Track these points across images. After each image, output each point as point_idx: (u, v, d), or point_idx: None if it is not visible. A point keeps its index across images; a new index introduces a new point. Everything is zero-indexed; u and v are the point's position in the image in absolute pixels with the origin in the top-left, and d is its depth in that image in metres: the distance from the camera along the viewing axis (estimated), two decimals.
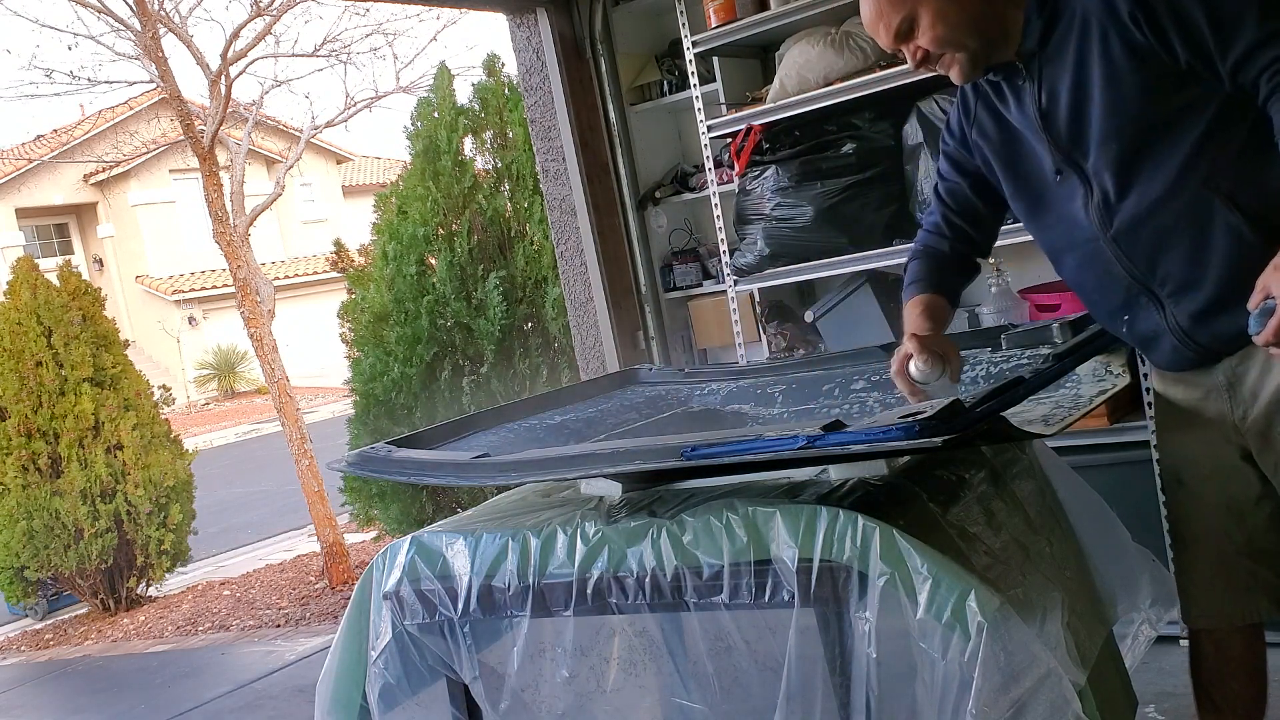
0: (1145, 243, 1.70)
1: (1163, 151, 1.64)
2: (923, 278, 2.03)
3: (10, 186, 22.09)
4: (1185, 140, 1.63)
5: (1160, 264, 1.70)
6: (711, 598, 1.63)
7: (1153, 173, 1.66)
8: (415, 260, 5.79)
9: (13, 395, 6.71)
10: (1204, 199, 1.63)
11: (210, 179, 6.72)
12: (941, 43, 1.74)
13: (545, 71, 4.12)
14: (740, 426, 2.29)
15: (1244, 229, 1.61)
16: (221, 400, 22.56)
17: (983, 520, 1.74)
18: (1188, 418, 1.85)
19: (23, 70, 24.30)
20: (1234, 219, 1.62)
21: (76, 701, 5.61)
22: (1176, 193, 1.65)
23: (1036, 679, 1.46)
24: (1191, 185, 1.63)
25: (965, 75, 1.78)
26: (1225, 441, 1.81)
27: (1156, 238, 1.69)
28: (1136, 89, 1.63)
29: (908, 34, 1.75)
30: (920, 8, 1.72)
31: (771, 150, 3.63)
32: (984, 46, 1.75)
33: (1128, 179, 1.68)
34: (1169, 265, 1.70)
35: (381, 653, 1.93)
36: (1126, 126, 1.66)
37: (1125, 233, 1.71)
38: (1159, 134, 1.64)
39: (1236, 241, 1.62)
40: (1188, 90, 1.61)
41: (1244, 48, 1.53)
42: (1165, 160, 1.64)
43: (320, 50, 8.39)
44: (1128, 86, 1.63)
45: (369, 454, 2.04)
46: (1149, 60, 1.60)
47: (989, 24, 1.73)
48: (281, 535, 8.85)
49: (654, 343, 4.21)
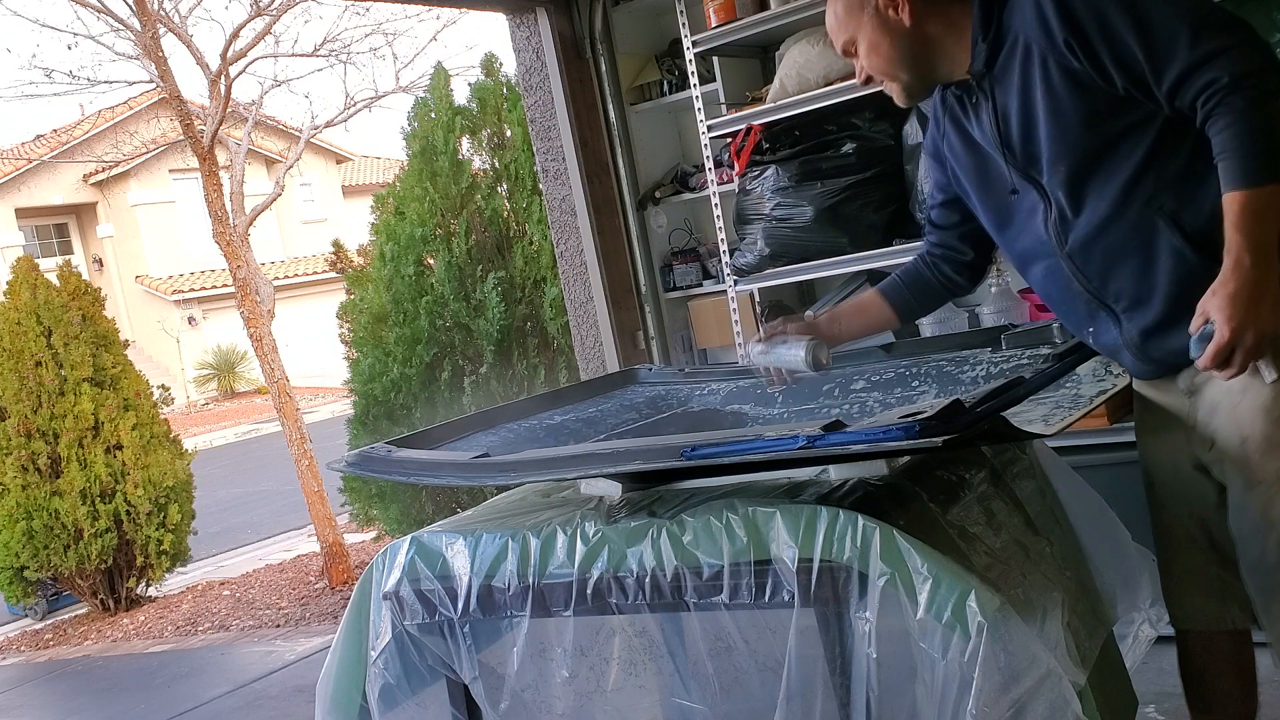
0: (1097, 260, 1.72)
1: (1108, 173, 1.66)
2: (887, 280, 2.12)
3: (10, 186, 22.09)
4: (1129, 162, 1.64)
5: (1112, 281, 1.72)
6: (711, 598, 1.63)
7: (1100, 193, 1.67)
8: (414, 261, 5.79)
9: (12, 395, 6.71)
10: (1148, 219, 1.65)
11: (210, 179, 6.72)
12: (876, 70, 1.82)
13: (545, 71, 4.12)
14: (740, 426, 2.29)
15: (1186, 250, 1.63)
16: (221, 400, 22.56)
17: (983, 520, 1.74)
18: (1158, 420, 1.86)
19: (23, 70, 24.32)
20: (1176, 241, 1.63)
21: (76, 701, 5.60)
22: (1122, 213, 1.66)
23: (1037, 679, 1.46)
24: (1135, 206, 1.65)
25: (903, 100, 1.86)
26: (1187, 446, 1.81)
27: (1106, 256, 1.71)
28: (1077, 115, 1.65)
29: (852, 54, 1.85)
30: (859, 35, 1.81)
31: (771, 150, 3.63)
32: (918, 78, 1.81)
33: (1078, 198, 1.70)
34: (1120, 282, 1.72)
35: (381, 653, 1.93)
36: (1072, 150, 1.67)
37: (1079, 250, 1.73)
38: (1103, 156, 1.66)
39: (1180, 262, 1.64)
40: (1128, 114, 1.63)
41: (1178, 73, 1.53)
42: (1111, 181, 1.66)
43: (320, 50, 8.39)
44: (1068, 113, 1.65)
45: (369, 454, 2.03)
46: (1088, 86, 1.62)
47: (922, 58, 1.78)
48: (281, 535, 8.85)
49: (654, 343, 4.21)
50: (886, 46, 1.77)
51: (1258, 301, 1.49)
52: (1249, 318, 1.49)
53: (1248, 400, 1.66)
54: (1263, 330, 1.50)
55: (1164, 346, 1.71)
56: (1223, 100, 1.51)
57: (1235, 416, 1.68)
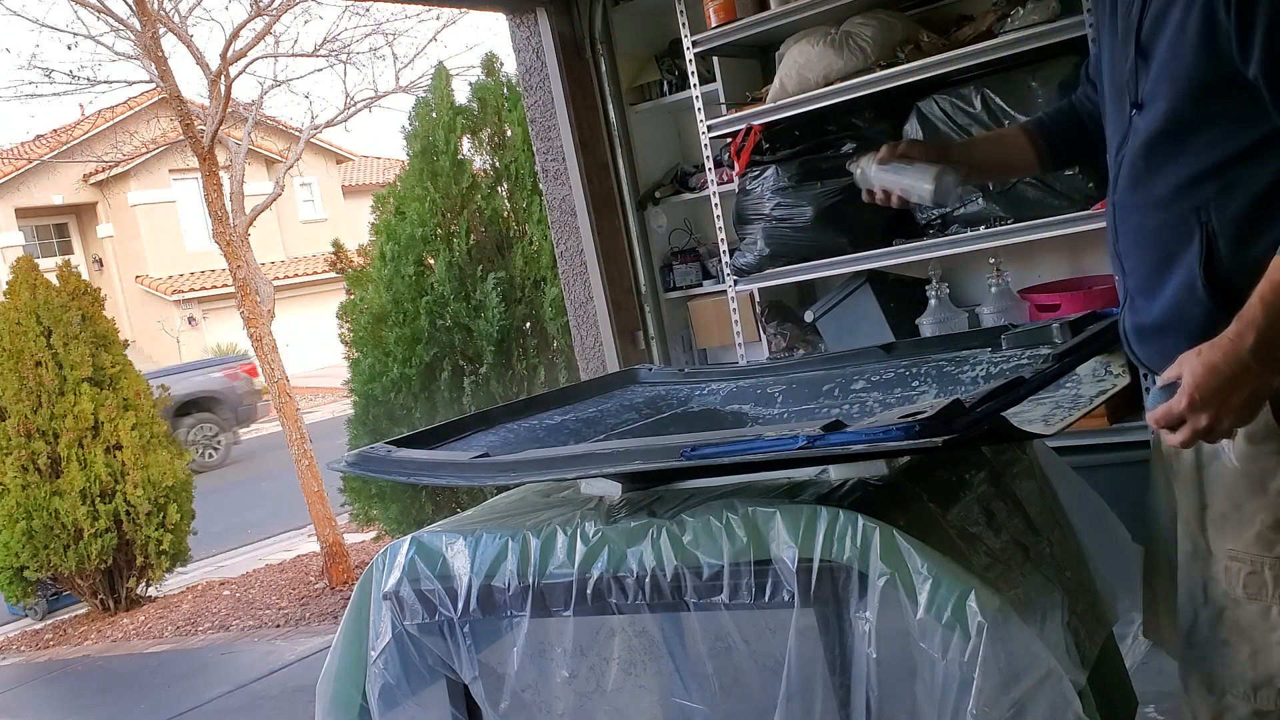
0: (1129, 230, 1.57)
1: (1181, 150, 1.46)
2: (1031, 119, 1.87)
3: (10, 186, 22.09)
4: (1205, 153, 1.44)
5: (1130, 257, 1.57)
6: (711, 598, 1.63)
7: (1164, 168, 1.48)
8: (414, 261, 5.79)
9: (12, 395, 6.71)
10: (1188, 226, 1.46)
11: (210, 179, 6.72)
12: None
13: (545, 71, 4.12)
14: (740, 426, 2.29)
15: (1199, 284, 1.44)
16: None
17: (983, 520, 1.74)
18: None
19: (22, 70, 24.26)
20: (1197, 268, 1.44)
21: (76, 701, 5.60)
22: (1170, 203, 1.48)
23: (1037, 679, 1.46)
24: (1185, 204, 1.46)
25: None
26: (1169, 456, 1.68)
27: (1137, 233, 1.55)
28: (1187, 67, 1.42)
29: None
30: None
31: (771, 150, 3.64)
32: None
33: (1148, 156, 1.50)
34: (1136, 263, 1.56)
35: (381, 653, 1.93)
36: (1166, 98, 1.46)
37: (1124, 207, 1.57)
38: (1187, 130, 1.46)
39: (1189, 291, 1.46)
40: (1235, 102, 1.40)
41: None
42: (1179, 161, 1.47)
43: (320, 50, 8.40)
44: (1182, 61, 1.42)
45: (369, 454, 2.03)
46: (1217, 48, 1.39)
47: None
48: (281, 535, 8.85)
49: (654, 343, 4.21)
50: None
51: (1234, 388, 1.32)
52: (1214, 399, 1.32)
53: (1213, 469, 1.52)
54: (1222, 419, 1.34)
55: (1147, 351, 1.57)
56: None
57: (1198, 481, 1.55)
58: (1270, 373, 1.32)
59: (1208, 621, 1.56)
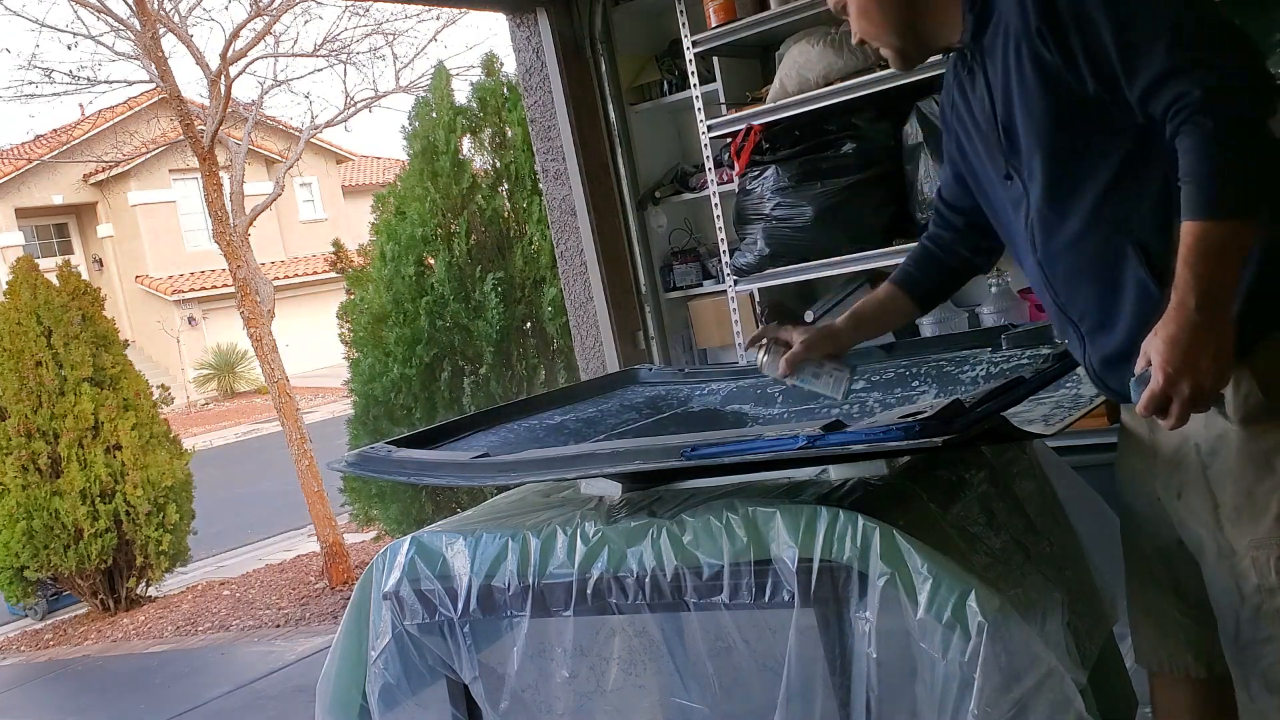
0: (1064, 274, 1.61)
1: (1079, 184, 1.54)
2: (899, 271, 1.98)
3: (10, 186, 22.09)
4: (1100, 176, 1.52)
5: (1077, 299, 1.61)
6: (711, 598, 1.63)
7: (1072, 205, 1.55)
8: (414, 261, 5.79)
9: (12, 395, 6.71)
10: (1117, 244, 1.52)
11: (210, 179, 6.73)
12: (867, 35, 1.71)
13: (545, 71, 4.11)
14: (740, 426, 2.29)
15: (1150, 284, 1.49)
16: (221, 400, 22.55)
17: (983, 520, 1.74)
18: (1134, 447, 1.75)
19: (22, 70, 24.25)
20: (1142, 272, 1.50)
21: (76, 701, 5.61)
22: (1091, 232, 1.54)
23: (1038, 679, 1.46)
24: (1105, 227, 1.53)
25: (899, 65, 1.74)
26: (1151, 476, 1.69)
27: (1073, 273, 1.59)
28: (1045, 112, 1.52)
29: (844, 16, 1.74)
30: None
31: (771, 150, 3.63)
32: (911, 44, 1.69)
33: (1050, 205, 1.57)
34: (1084, 303, 1.60)
35: (381, 653, 1.93)
36: (1042, 149, 1.55)
37: (1049, 259, 1.62)
38: (1074, 164, 1.54)
39: (1144, 295, 1.50)
40: (1098, 120, 1.49)
41: (1149, 78, 1.40)
42: (1082, 194, 1.53)
43: (320, 50, 8.40)
44: (1037, 108, 1.53)
45: (369, 454, 2.03)
46: (1057, 81, 1.49)
47: (912, 23, 1.66)
48: (281, 535, 8.85)
49: (654, 343, 4.21)
50: (875, 10, 1.67)
51: (1199, 349, 1.36)
52: (1185, 366, 1.36)
53: (1217, 465, 1.54)
54: (1200, 382, 1.37)
55: (1120, 379, 1.55)
56: (1190, 118, 1.37)
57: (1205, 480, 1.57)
58: (1222, 324, 1.37)
59: (1249, 620, 1.56)
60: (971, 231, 1.90)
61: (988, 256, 1.94)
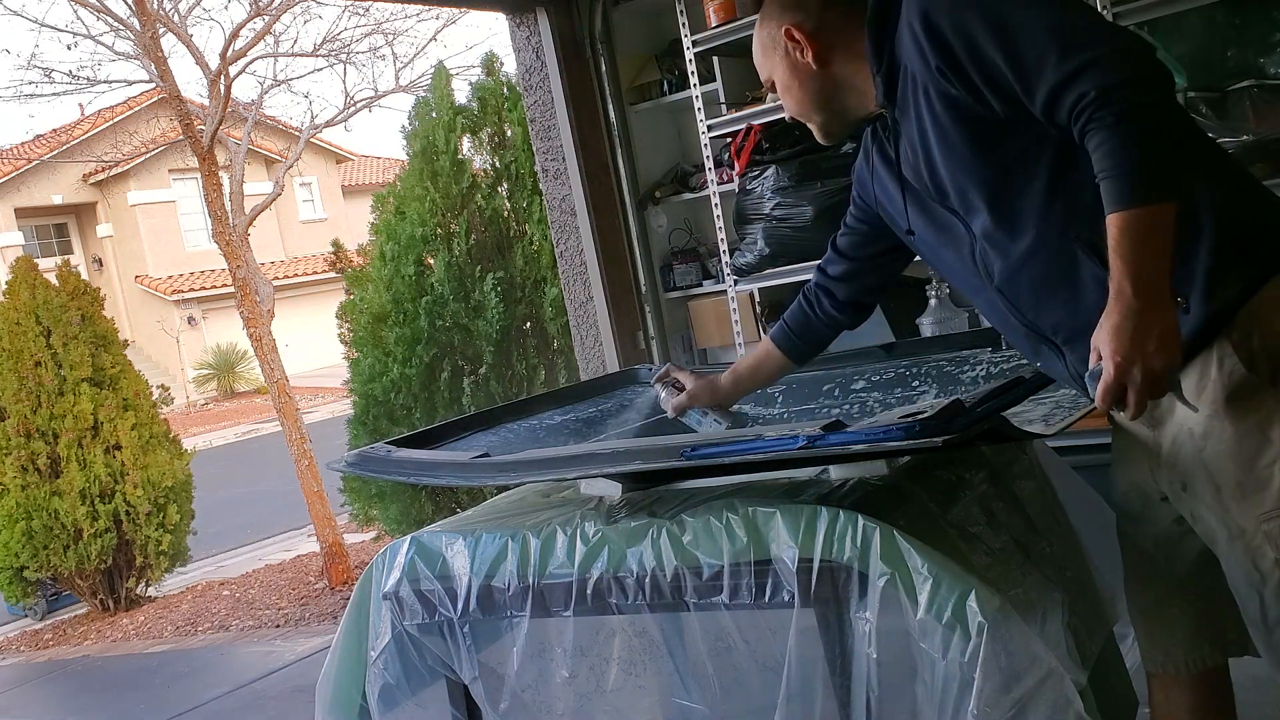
0: (1026, 294, 1.63)
1: (1016, 202, 1.57)
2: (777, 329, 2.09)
3: (10, 186, 22.08)
4: (1033, 190, 1.55)
5: (1045, 314, 1.63)
6: (711, 598, 1.63)
7: (1014, 224, 1.58)
8: (414, 261, 5.79)
9: (12, 395, 6.71)
10: (1067, 249, 1.55)
11: (210, 179, 6.72)
12: (792, 111, 1.81)
13: (545, 71, 4.11)
14: (740, 426, 2.29)
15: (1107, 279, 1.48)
16: (221, 400, 22.56)
17: (983, 520, 1.74)
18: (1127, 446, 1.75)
19: (22, 70, 24.25)
20: (1098, 270, 1.50)
21: (76, 701, 5.61)
22: (1040, 244, 1.57)
23: (1038, 679, 1.46)
24: (1052, 236, 1.56)
25: (823, 138, 1.82)
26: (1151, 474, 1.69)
27: (1034, 289, 1.62)
28: (965, 144, 1.57)
29: (773, 91, 1.84)
30: (774, 75, 1.80)
31: (771, 150, 3.63)
32: (832, 117, 1.78)
33: (993, 231, 1.61)
34: (1053, 315, 1.62)
35: (381, 653, 1.93)
36: (971, 180, 1.59)
37: (1007, 283, 1.64)
38: (1006, 185, 1.57)
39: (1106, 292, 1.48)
40: (1017, 138, 1.53)
41: (1048, 92, 1.44)
42: (1021, 211, 1.57)
43: (320, 50, 8.40)
44: (957, 143, 1.57)
45: (368, 454, 2.03)
46: (969, 112, 1.54)
47: (833, 98, 1.74)
48: (281, 535, 8.85)
49: (654, 343, 4.21)
50: (797, 88, 1.76)
51: (1143, 334, 1.38)
52: (1134, 353, 1.38)
53: (1211, 446, 1.54)
54: (1150, 366, 1.38)
55: None
56: (1093, 115, 1.40)
57: (1204, 464, 1.57)
58: (1163, 306, 1.39)
59: (1272, 598, 1.55)
60: (854, 280, 2.02)
61: (855, 314, 2.05)
